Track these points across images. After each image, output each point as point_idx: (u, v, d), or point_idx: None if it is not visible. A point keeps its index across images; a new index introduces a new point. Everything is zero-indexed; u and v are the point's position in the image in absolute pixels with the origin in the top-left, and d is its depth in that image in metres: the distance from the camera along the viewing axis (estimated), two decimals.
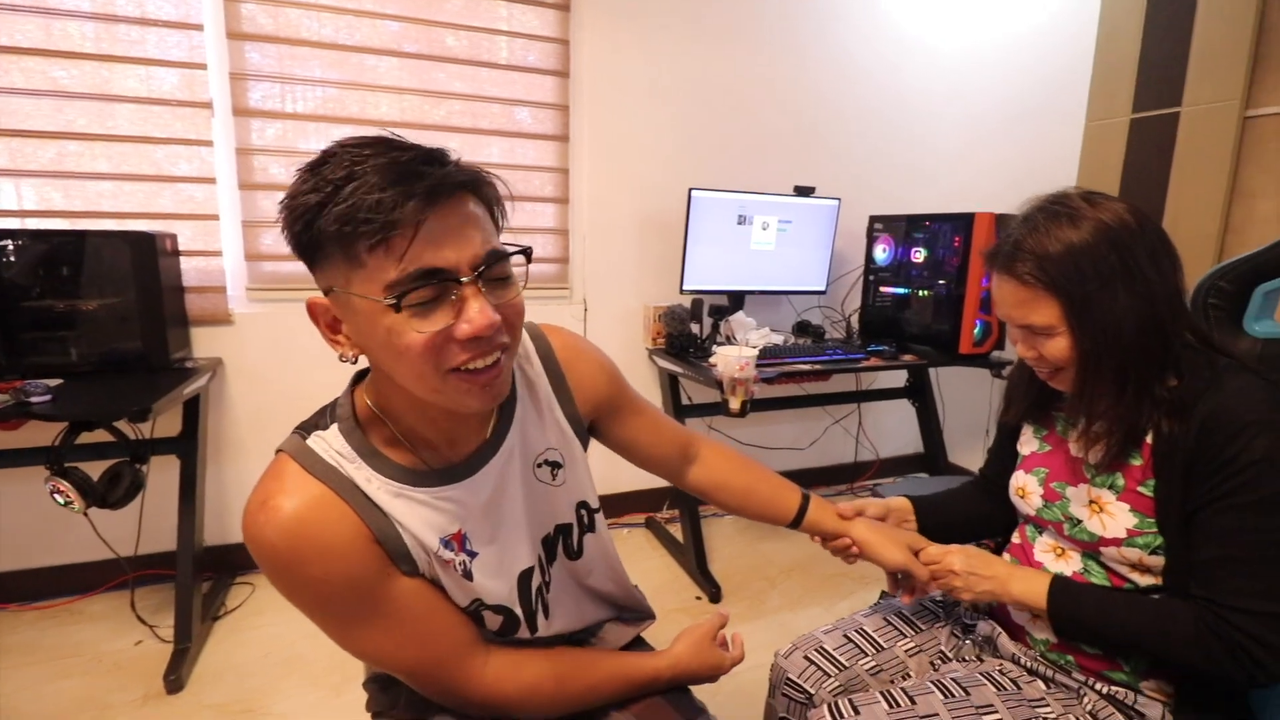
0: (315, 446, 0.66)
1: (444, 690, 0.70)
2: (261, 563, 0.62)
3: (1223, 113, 1.76)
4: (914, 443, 2.80)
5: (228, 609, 1.90)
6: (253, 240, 2.00)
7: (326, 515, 0.62)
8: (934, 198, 2.78)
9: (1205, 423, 0.71)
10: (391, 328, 0.56)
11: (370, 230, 0.53)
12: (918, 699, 0.81)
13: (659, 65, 2.31)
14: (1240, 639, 0.69)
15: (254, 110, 1.94)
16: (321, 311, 0.62)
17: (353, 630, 0.66)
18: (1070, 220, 0.75)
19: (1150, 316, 0.74)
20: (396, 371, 0.60)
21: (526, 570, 0.74)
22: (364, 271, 0.55)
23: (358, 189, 0.53)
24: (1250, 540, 0.70)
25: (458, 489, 0.69)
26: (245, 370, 2.01)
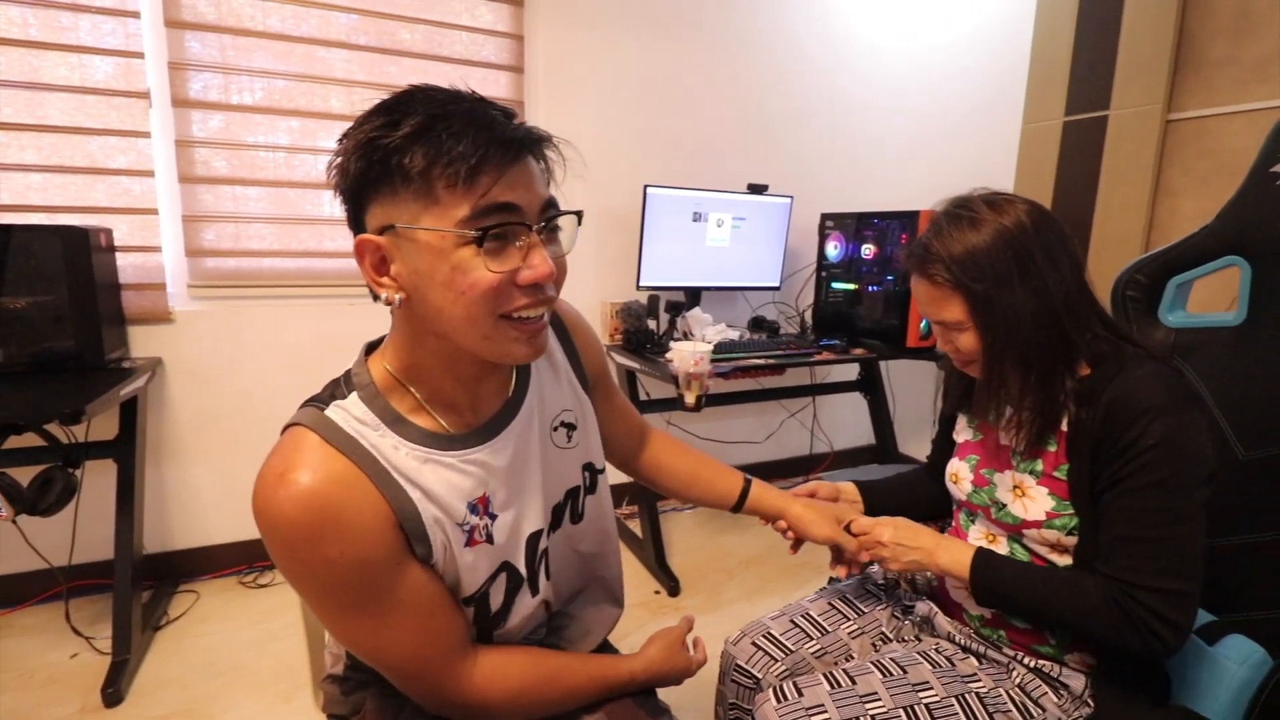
0: (335, 417, 0.64)
1: (430, 689, 0.68)
2: (274, 539, 0.59)
3: (1147, 116, 1.86)
4: (866, 434, 2.87)
5: (170, 618, 1.83)
6: (194, 235, 1.93)
7: (350, 492, 0.60)
8: (882, 196, 2.86)
9: (1109, 409, 0.75)
10: (458, 265, 0.58)
11: (455, 169, 0.55)
12: (858, 679, 0.84)
13: (614, 63, 2.32)
14: (1142, 614, 0.73)
15: (195, 101, 1.88)
16: (371, 250, 0.61)
17: (353, 618, 0.63)
18: (971, 224, 0.80)
19: (1047, 312, 0.77)
20: (449, 313, 0.60)
21: (536, 533, 0.74)
22: (438, 208, 0.57)
23: (447, 130, 0.56)
24: (1149, 520, 0.74)
25: (482, 451, 0.69)
26: (187, 370, 1.94)
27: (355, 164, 0.59)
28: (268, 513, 0.59)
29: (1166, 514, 0.73)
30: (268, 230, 2.01)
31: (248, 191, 1.97)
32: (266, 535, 0.60)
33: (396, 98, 0.59)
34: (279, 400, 2.04)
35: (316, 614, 0.64)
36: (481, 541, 0.68)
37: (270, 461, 0.62)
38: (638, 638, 0.90)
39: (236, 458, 2.02)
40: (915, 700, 0.81)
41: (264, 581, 2.03)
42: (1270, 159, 0.92)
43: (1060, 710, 0.83)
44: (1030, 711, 0.83)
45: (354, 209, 0.62)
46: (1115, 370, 0.77)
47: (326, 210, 2.07)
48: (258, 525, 0.60)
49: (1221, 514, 0.93)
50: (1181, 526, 0.73)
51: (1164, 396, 0.73)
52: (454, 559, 0.66)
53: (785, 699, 0.83)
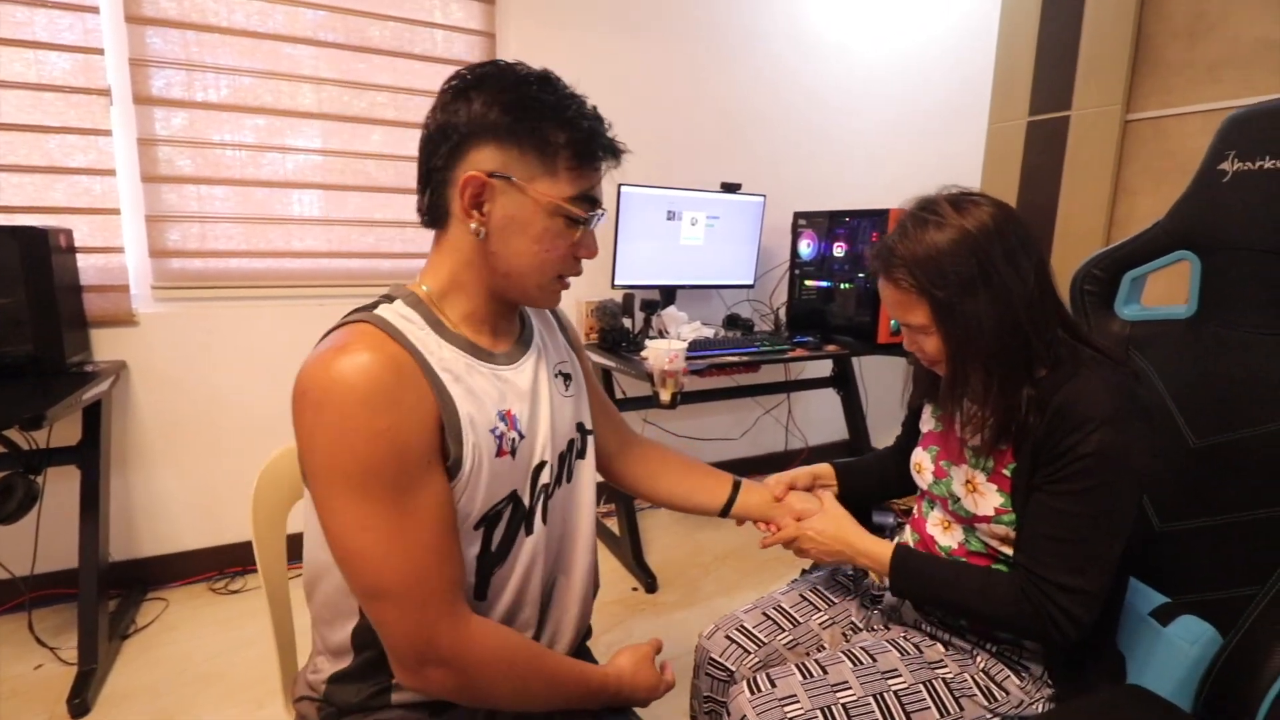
0: (385, 314, 0.69)
1: (422, 625, 0.65)
2: (328, 402, 0.61)
3: (1106, 116, 1.91)
4: (840, 430, 2.91)
5: (138, 626, 1.79)
6: (158, 236, 1.89)
7: (403, 375, 0.64)
8: (853, 194, 2.90)
9: (1055, 414, 0.77)
10: (549, 228, 0.70)
11: (580, 158, 0.69)
12: (829, 669, 0.86)
13: (586, 61, 2.32)
14: (1049, 607, 0.77)
15: (157, 99, 1.84)
16: (475, 185, 0.68)
17: (378, 508, 0.62)
18: (936, 227, 0.80)
19: (1009, 318, 0.77)
20: (522, 260, 0.71)
21: (540, 464, 0.77)
22: (552, 179, 0.69)
23: (591, 121, 0.70)
24: (1072, 524, 0.77)
25: (509, 370, 0.76)
26: (152, 374, 1.90)
27: (497, 112, 0.67)
28: (324, 380, 0.61)
29: (1089, 520, 0.76)
30: (234, 230, 1.97)
31: (213, 191, 1.93)
32: (318, 403, 0.61)
33: (544, 73, 0.71)
34: (248, 403, 2.02)
35: (336, 510, 0.62)
36: (508, 453, 0.72)
37: (324, 346, 0.64)
38: (616, 635, 0.91)
39: (205, 462, 1.99)
40: (885, 688, 0.83)
41: (235, 588, 2.00)
42: (1217, 157, 0.95)
43: (1023, 692, 0.85)
44: (994, 694, 0.85)
45: (462, 143, 0.68)
46: (1069, 374, 0.78)
47: (295, 209, 2.04)
48: (308, 398, 0.61)
49: (1173, 499, 0.96)
50: (1100, 532, 0.76)
51: (1109, 408, 0.75)
52: (481, 468, 0.69)
53: (759, 690, 0.84)
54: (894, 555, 0.89)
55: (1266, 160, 0.88)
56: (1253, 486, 0.86)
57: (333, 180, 2.07)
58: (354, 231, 2.12)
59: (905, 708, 0.82)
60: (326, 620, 0.76)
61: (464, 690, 0.68)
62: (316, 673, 0.78)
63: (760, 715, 0.81)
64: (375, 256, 2.17)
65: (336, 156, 2.06)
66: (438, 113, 0.70)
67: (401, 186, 2.16)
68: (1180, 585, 0.91)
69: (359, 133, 2.08)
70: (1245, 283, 0.91)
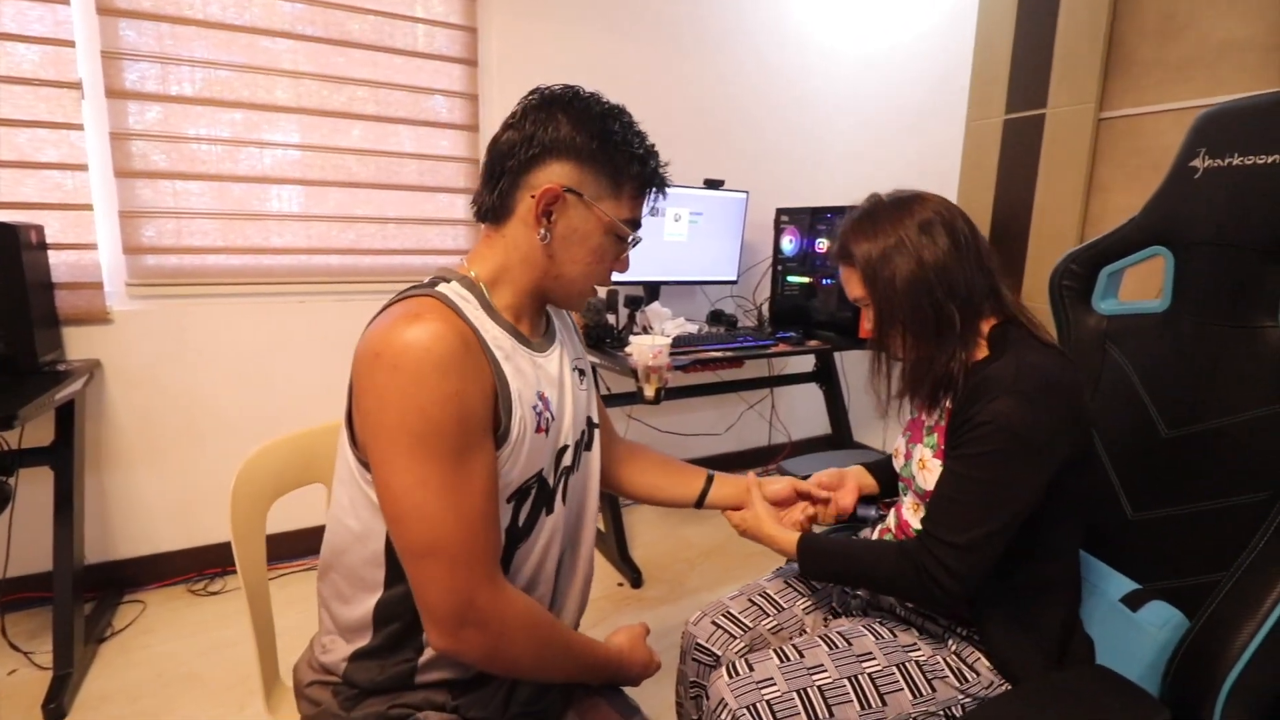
0: (446, 292, 0.73)
1: (464, 586, 0.67)
2: (403, 364, 0.64)
3: (1080, 115, 1.94)
4: (823, 424, 2.93)
5: (115, 630, 1.77)
6: (132, 232, 1.86)
7: (469, 347, 0.69)
8: (835, 191, 2.92)
9: (973, 387, 0.83)
10: (603, 244, 0.78)
11: (643, 189, 0.79)
12: (806, 652, 0.88)
13: (569, 57, 2.32)
14: (925, 559, 0.81)
15: (130, 92, 1.80)
16: (550, 200, 0.74)
17: (436, 471, 0.65)
18: (870, 215, 0.91)
19: (921, 282, 0.85)
20: (575, 267, 0.78)
21: (563, 448, 0.82)
22: (616, 202, 0.77)
23: (655, 158, 0.80)
24: (961, 485, 0.81)
25: (542, 357, 0.81)
26: (127, 373, 1.87)
27: (584, 136, 0.74)
28: (398, 342, 0.65)
29: (977, 483, 0.80)
30: (211, 226, 1.94)
31: (189, 186, 1.90)
32: (392, 364, 0.64)
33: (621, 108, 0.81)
34: (227, 402, 1.99)
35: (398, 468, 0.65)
36: (544, 430, 0.77)
37: (394, 314, 0.68)
38: (602, 630, 0.92)
39: (183, 462, 1.96)
40: (859, 670, 0.86)
41: (214, 589, 1.97)
42: (1189, 154, 0.97)
43: (993, 673, 0.88)
44: (966, 676, 0.87)
45: (538, 155, 0.74)
46: (999, 356, 0.84)
47: (274, 205, 2.01)
48: (378, 362, 0.65)
49: (1145, 488, 0.99)
50: (987, 498, 0.79)
51: (1013, 381, 0.79)
52: (523, 441, 0.73)
53: (737, 674, 0.86)
54: (799, 543, 0.96)
55: (1235, 157, 0.90)
56: (1220, 475, 0.88)
57: (312, 176, 2.05)
58: (334, 228, 2.10)
59: (879, 689, 0.84)
60: (344, 597, 0.77)
61: (493, 654, 0.71)
62: (328, 653, 0.78)
63: (738, 698, 0.83)
64: (356, 253, 2.15)
65: (316, 152, 2.04)
66: (525, 122, 0.76)
67: (383, 182, 2.14)
68: (1151, 572, 0.93)
69: (339, 127, 2.06)
70: (1215, 277, 0.93)
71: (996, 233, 2.18)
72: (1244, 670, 0.74)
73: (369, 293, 2.14)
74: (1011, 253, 2.11)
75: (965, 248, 0.86)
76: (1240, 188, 0.89)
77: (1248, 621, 0.74)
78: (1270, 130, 0.86)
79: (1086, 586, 0.95)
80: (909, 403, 0.94)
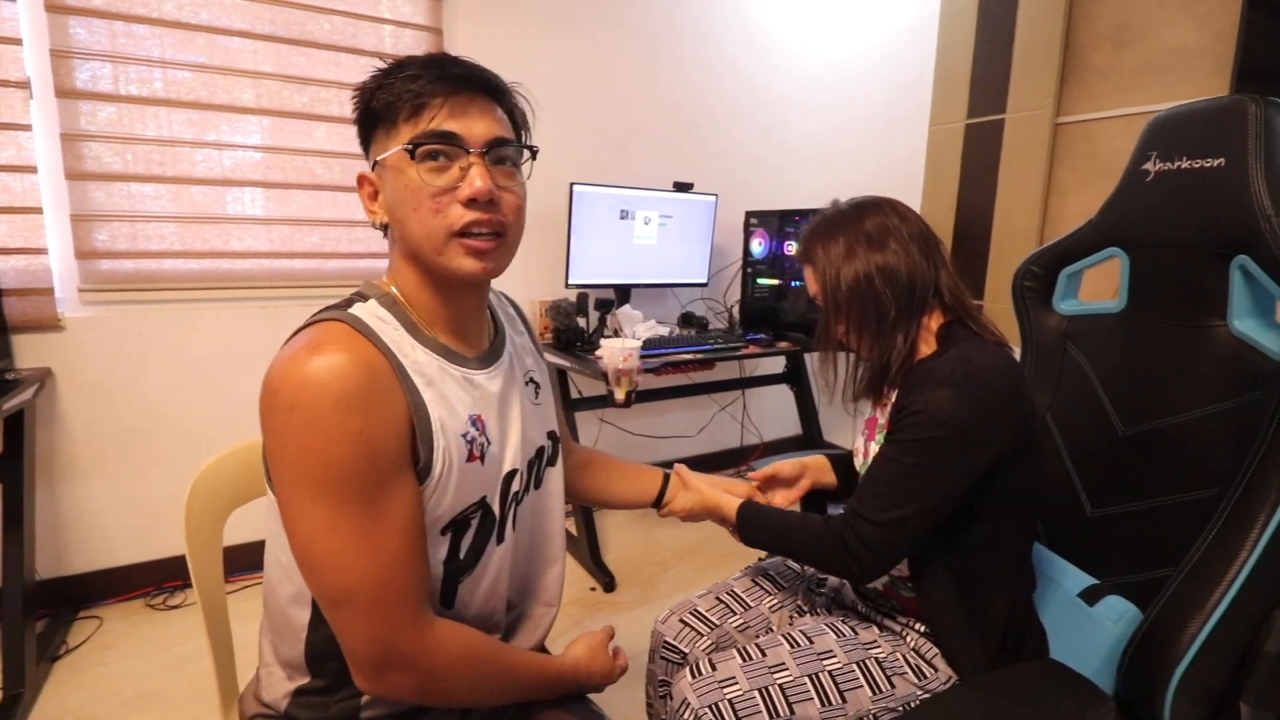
0: (360, 314, 0.67)
1: (387, 629, 0.63)
2: (299, 403, 0.59)
3: (1038, 120, 1.99)
4: (794, 425, 2.96)
5: (69, 647, 1.70)
6: (85, 236, 1.80)
7: (377, 377, 0.63)
8: (803, 194, 2.95)
9: (913, 381, 0.85)
10: (409, 182, 0.67)
11: (406, 104, 0.66)
12: (768, 651, 0.89)
13: (536, 60, 2.30)
14: (848, 536, 0.84)
15: (82, 92, 1.75)
16: (366, 183, 0.73)
17: (347, 511, 0.61)
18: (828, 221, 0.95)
19: (862, 273, 0.89)
20: (410, 227, 0.68)
21: (511, 472, 0.77)
22: (397, 136, 0.67)
23: (404, 74, 0.67)
24: (888, 468, 0.84)
25: (481, 374, 0.75)
26: (81, 381, 1.80)
27: (355, 115, 0.71)
28: (294, 378, 0.59)
29: (903, 467, 0.82)
30: (168, 230, 1.89)
31: (144, 189, 1.84)
32: (288, 404, 0.59)
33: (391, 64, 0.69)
34: (184, 411, 1.93)
35: (302, 514, 0.61)
36: (478, 458, 0.71)
37: (296, 344, 0.63)
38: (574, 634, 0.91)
39: (139, 473, 1.90)
40: (820, 668, 0.87)
41: (174, 603, 1.91)
42: (1141, 158, 1.00)
43: (951, 669, 0.89)
44: (924, 672, 0.89)
45: (367, 155, 0.73)
46: (945, 350, 0.87)
47: (231, 209, 1.96)
48: (278, 399, 0.60)
49: (1103, 485, 1.01)
50: (912, 482, 0.82)
51: (945, 374, 0.82)
52: (450, 472, 0.68)
53: (700, 674, 0.87)
54: (739, 510, 0.98)
55: (1184, 160, 0.93)
56: (1173, 472, 0.91)
57: (274, 178, 2.00)
58: (297, 231, 2.06)
59: (839, 686, 0.85)
60: (280, 633, 0.73)
61: (424, 693, 0.68)
62: (270, 689, 0.75)
63: (700, 698, 0.84)
64: (320, 256, 2.11)
65: (278, 153, 2.00)
66: None
67: (347, 185, 2.10)
68: (1108, 567, 0.96)
69: (301, 129, 2.02)
70: (1168, 277, 0.96)
71: (960, 235, 2.23)
72: (1192, 662, 0.76)
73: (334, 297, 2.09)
74: (974, 254, 2.15)
75: (910, 248, 0.90)
76: (1189, 190, 0.92)
77: (1196, 614, 0.76)
78: (1216, 134, 0.88)
79: (1044, 581, 0.97)
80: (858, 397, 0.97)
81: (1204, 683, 0.77)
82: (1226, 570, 0.75)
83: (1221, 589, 0.75)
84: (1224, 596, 0.75)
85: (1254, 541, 0.74)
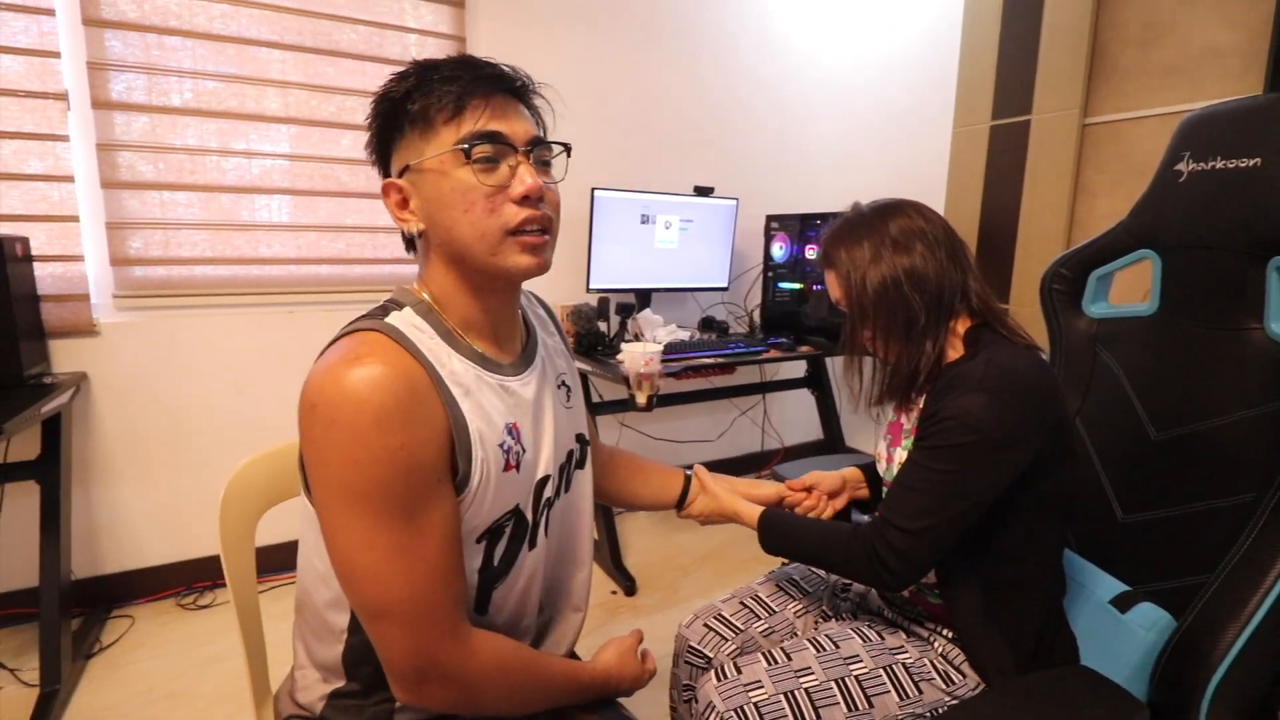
0: (397, 323, 0.67)
1: (425, 642, 0.64)
2: (338, 418, 0.58)
3: (1065, 121, 1.96)
4: (815, 430, 2.94)
5: (102, 645, 1.74)
6: (119, 243, 1.84)
7: (417, 390, 0.62)
8: (824, 197, 2.94)
9: (943, 385, 0.84)
10: (457, 184, 0.66)
11: (447, 104, 0.65)
12: (794, 655, 0.88)
13: (558, 65, 2.32)
14: (878, 545, 0.82)
15: (117, 103, 1.80)
16: (394, 191, 0.70)
17: (386, 526, 0.60)
18: (850, 223, 0.93)
19: (891, 279, 0.87)
20: (459, 232, 0.67)
21: (544, 479, 0.76)
22: (437, 139, 0.66)
23: (439, 75, 0.66)
24: (918, 474, 0.82)
25: (515, 381, 0.74)
26: (115, 385, 1.85)
27: (374, 123, 0.70)
28: (334, 394, 0.59)
29: (934, 474, 0.81)
30: (199, 237, 1.93)
31: (176, 197, 1.89)
32: (327, 418, 0.59)
33: (405, 69, 0.69)
34: (215, 414, 1.97)
35: (341, 528, 0.61)
36: (514, 467, 0.71)
37: (333, 355, 0.62)
38: (596, 638, 0.92)
39: (171, 475, 1.94)
40: (846, 673, 0.86)
41: (204, 603, 1.95)
42: (1174, 158, 0.98)
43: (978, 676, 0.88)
44: (952, 678, 0.88)
45: (383, 161, 0.71)
46: (974, 354, 0.85)
47: (261, 215, 2.00)
48: (315, 412, 0.59)
49: (1135, 491, 0.99)
50: (943, 487, 0.80)
51: (977, 379, 0.80)
52: (488, 483, 0.68)
53: (726, 678, 0.86)
54: (761, 518, 0.98)
55: (1218, 160, 0.91)
56: (1207, 478, 0.89)
57: (301, 185, 2.04)
58: (324, 237, 2.09)
59: (866, 691, 0.85)
60: (317, 634, 0.74)
61: (462, 703, 0.68)
62: (305, 690, 0.76)
63: (725, 701, 0.83)
64: (346, 262, 2.14)
65: (304, 161, 2.03)
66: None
67: (372, 191, 2.13)
68: (1141, 574, 0.94)
69: (328, 137, 2.06)
70: (1201, 279, 0.94)
71: (984, 237, 2.20)
72: (1228, 671, 0.74)
73: (359, 302, 2.13)
74: (999, 257, 2.12)
75: (938, 251, 0.88)
76: (1223, 191, 0.90)
77: (1233, 622, 0.74)
78: (1251, 134, 0.87)
79: (1075, 588, 0.96)
80: (884, 402, 0.96)
81: (1240, 692, 0.75)
82: (1264, 578, 0.73)
83: (1259, 597, 0.73)
84: (1261, 604, 0.73)
85: None
